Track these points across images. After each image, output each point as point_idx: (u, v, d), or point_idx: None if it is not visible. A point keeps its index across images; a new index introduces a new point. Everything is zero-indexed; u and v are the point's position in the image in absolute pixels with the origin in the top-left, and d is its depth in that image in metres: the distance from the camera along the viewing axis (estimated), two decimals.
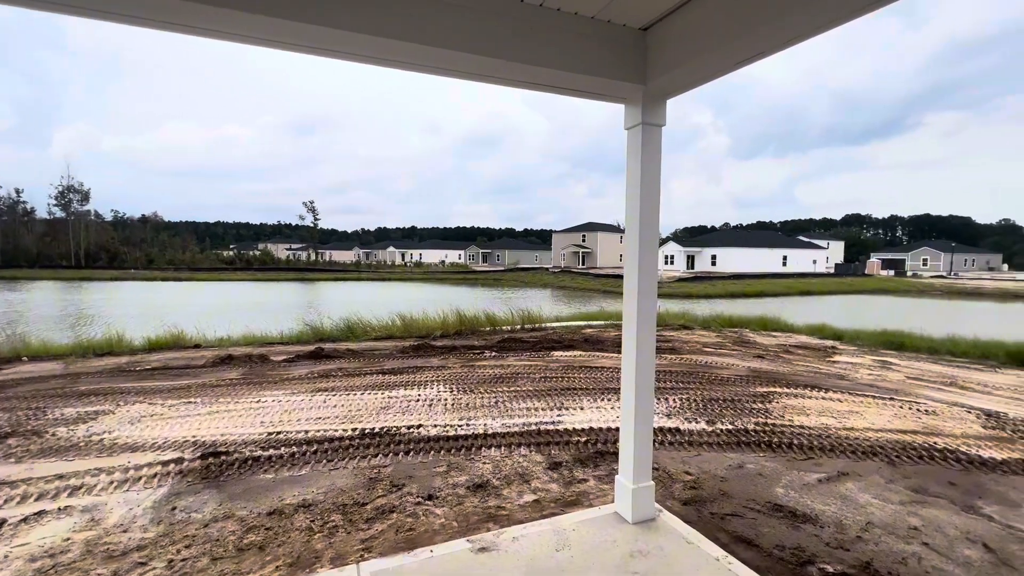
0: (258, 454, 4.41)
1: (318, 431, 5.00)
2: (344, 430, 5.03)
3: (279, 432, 4.96)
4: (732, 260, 55.35)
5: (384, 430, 5.03)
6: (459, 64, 2.47)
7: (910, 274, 65.32)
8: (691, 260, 59.08)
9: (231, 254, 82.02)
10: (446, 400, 6.13)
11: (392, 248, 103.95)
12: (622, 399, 3.19)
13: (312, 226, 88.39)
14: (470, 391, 6.54)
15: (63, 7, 1.92)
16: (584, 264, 67.45)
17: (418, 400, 6.11)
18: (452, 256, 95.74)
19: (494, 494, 3.71)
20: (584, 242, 69.89)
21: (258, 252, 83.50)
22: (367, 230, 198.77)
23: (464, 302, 17.81)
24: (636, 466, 3.10)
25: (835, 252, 74.28)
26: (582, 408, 5.86)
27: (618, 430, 4.21)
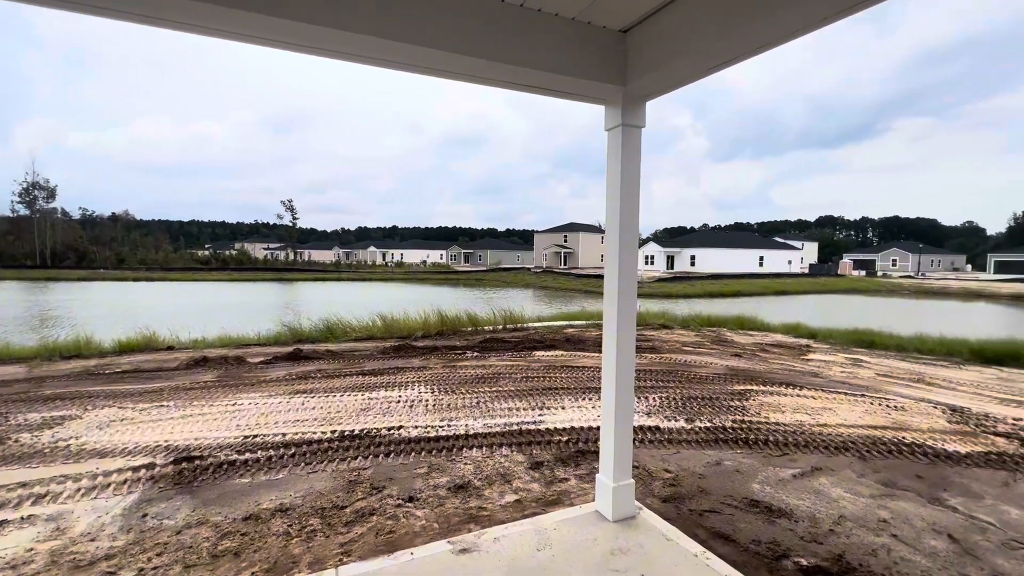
0: (234, 458, 4.31)
1: (296, 434, 4.91)
2: (323, 432, 4.95)
3: (256, 435, 4.86)
4: (711, 260, 56.32)
5: (364, 432, 4.97)
6: (439, 62, 2.45)
7: (880, 274, 67.36)
8: (671, 260, 59.90)
9: (206, 253, 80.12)
10: (427, 401, 6.09)
11: (373, 248, 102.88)
12: (603, 398, 3.22)
13: (291, 225, 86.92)
14: (451, 392, 6.51)
15: (48, 1, 1.86)
16: (566, 264, 67.80)
17: (399, 401, 6.06)
18: (434, 256, 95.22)
19: (475, 495, 3.70)
20: (566, 242, 70.26)
21: (235, 252, 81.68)
22: (347, 230, 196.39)
23: (446, 302, 17.73)
24: (616, 465, 3.13)
25: (809, 253, 76.27)
26: (563, 407, 5.89)
27: (599, 429, 4.24)
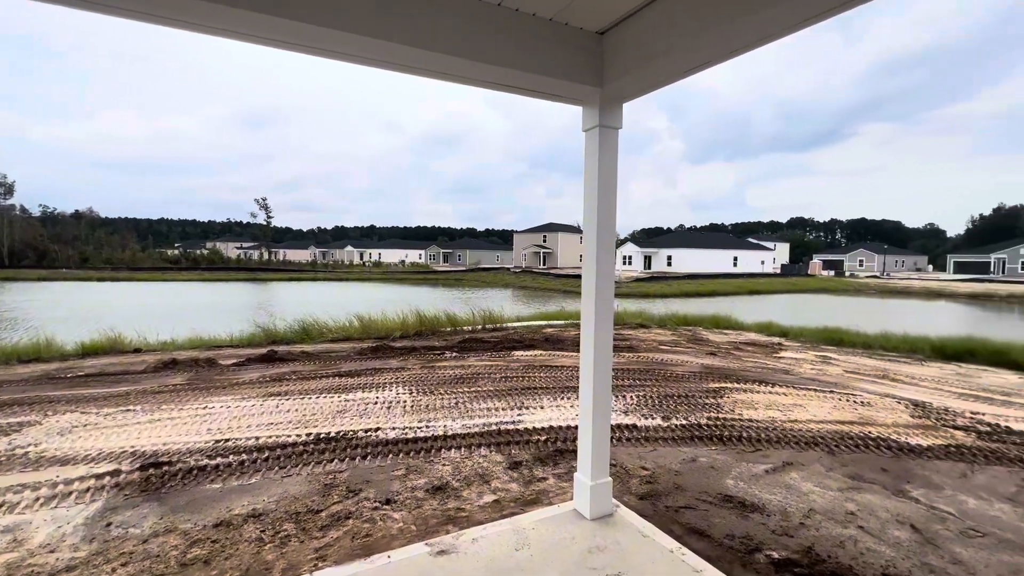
0: (204, 463, 4.19)
1: (270, 437, 4.80)
2: (298, 435, 4.85)
3: (227, 439, 4.73)
4: (687, 261, 57.33)
5: (340, 434, 4.89)
6: (415, 60, 2.43)
7: (848, 274, 69.68)
8: (648, 260, 60.73)
9: (176, 253, 77.81)
10: (405, 402, 6.03)
11: (350, 247, 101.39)
12: (580, 398, 3.24)
13: (265, 224, 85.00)
14: (430, 392, 6.47)
15: None
16: (545, 264, 68.08)
17: (376, 402, 5.99)
18: (412, 256, 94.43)
19: (454, 496, 3.68)
20: (545, 242, 70.55)
21: (206, 251, 79.51)
22: (324, 229, 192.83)
23: (424, 302, 17.60)
24: (594, 463, 3.15)
25: (781, 253, 78.42)
26: (542, 407, 5.91)
27: (578, 428, 4.27)
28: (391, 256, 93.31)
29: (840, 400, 6.40)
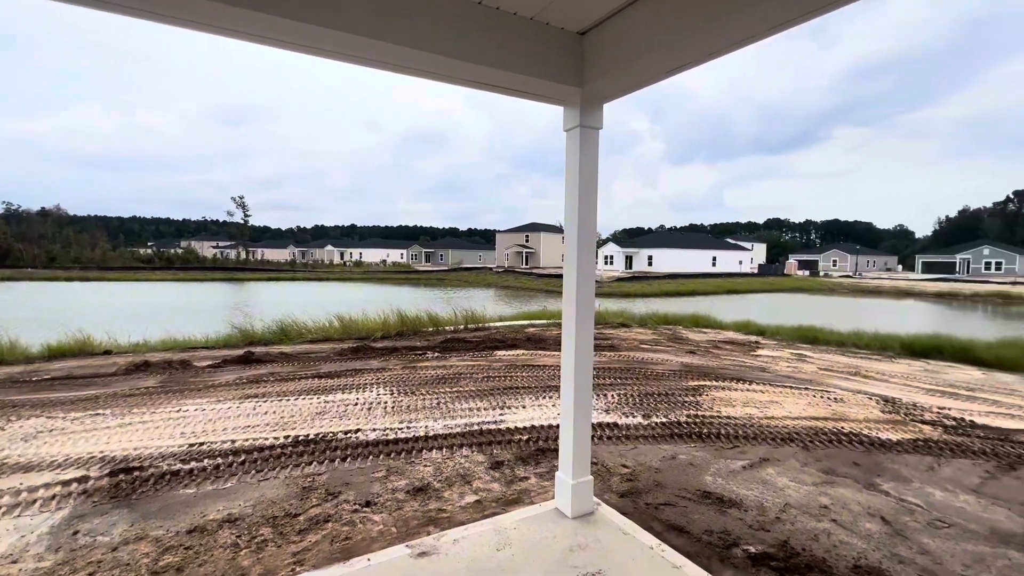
0: (177, 468, 4.08)
1: (247, 440, 4.70)
2: (275, 438, 4.76)
3: (202, 443, 4.62)
4: (667, 260, 58.09)
5: (319, 436, 4.82)
6: (394, 57, 2.40)
7: (822, 274, 71.48)
8: (629, 260, 61.35)
9: (149, 252, 75.51)
10: (386, 403, 5.97)
11: (330, 247, 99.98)
12: (562, 397, 3.25)
13: (242, 223, 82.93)
14: (411, 393, 6.41)
15: None
16: (527, 264, 68.19)
17: (356, 404, 5.91)
18: (394, 255, 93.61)
19: (435, 497, 3.65)
20: (527, 242, 70.66)
21: (181, 250, 77.38)
22: (303, 228, 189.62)
23: (406, 302, 17.46)
24: (575, 462, 3.17)
25: (759, 253, 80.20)
26: (524, 407, 5.91)
27: (559, 427, 4.28)
28: (372, 256, 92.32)
29: (814, 397, 6.56)
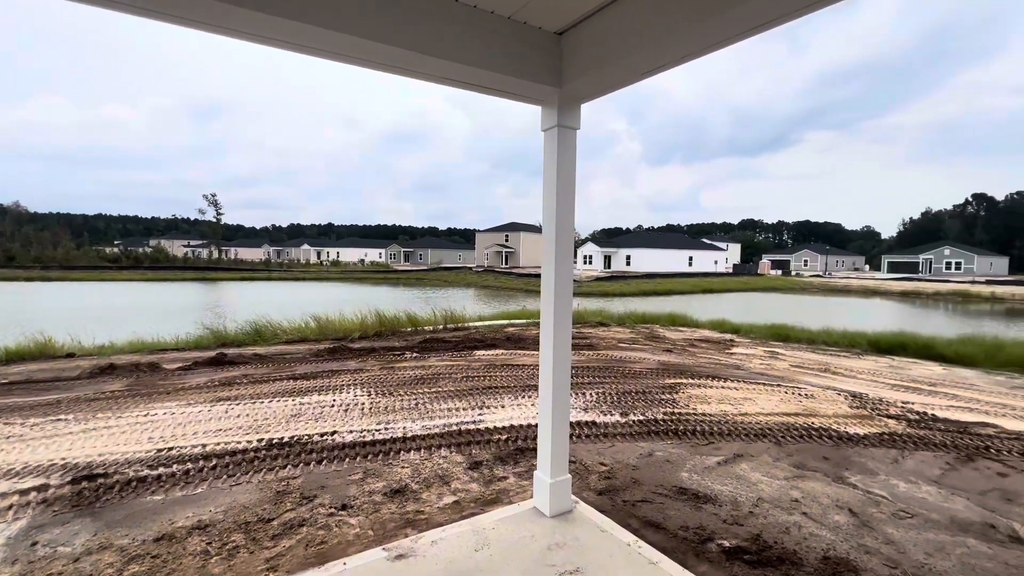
0: (144, 474, 3.95)
1: (218, 444, 4.58)
2: (248, 441, 4.65)
3: (171, 448, 4.48)
4: (645, 260, 58.89)
5: (294, 439, 4.72)
6: (371, 53, 2.36)
7: (794, 274, 73.51)
8: (608, 260, 61.97)
9: (116, 251, 72.82)
10: (363, 404, 5.89)
11: (307, 246, 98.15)
12: (540, 396, 3.25)
13: (215, 221, 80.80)
14: (389, 394, 6.34)
15: None
16: (507, 263, 68.22)
17: (333, 405, 5.82)
18: (372, 255, 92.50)
19: (413, 498, 3.62)
20: (507, 242, 70.66)
21: (150, 249, 74.80)
22: (278, 226, 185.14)
23: (385, 302, 17.27)
24: (554, 461, 3.18)
25: (733, 253, 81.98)
26: (503, 406, 5.91)
27: (538, 426, 4.29)
28: (350, 255, 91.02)
29: (786, 393, 6.73)
